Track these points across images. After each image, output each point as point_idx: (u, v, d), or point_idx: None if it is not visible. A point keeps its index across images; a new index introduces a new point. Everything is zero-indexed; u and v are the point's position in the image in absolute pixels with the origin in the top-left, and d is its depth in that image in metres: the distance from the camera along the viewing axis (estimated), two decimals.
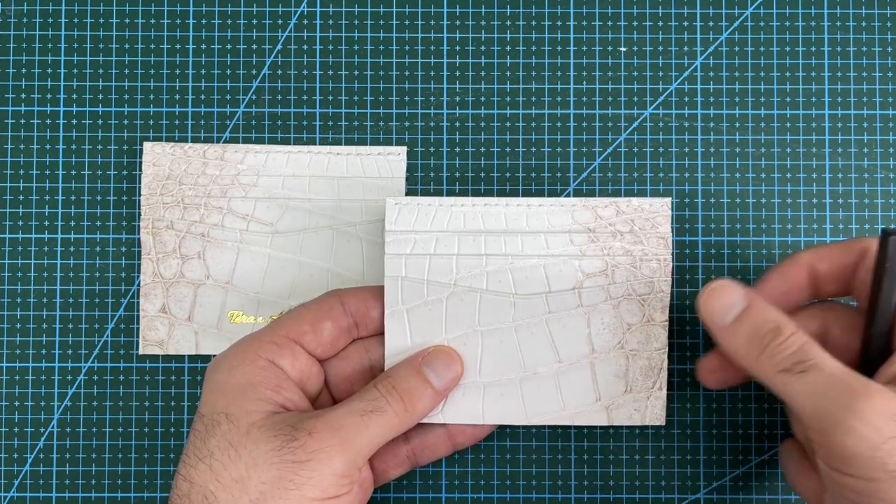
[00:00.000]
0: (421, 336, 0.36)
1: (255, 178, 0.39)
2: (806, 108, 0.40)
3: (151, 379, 0.39)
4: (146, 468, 0.39)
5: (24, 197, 0.40)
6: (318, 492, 0.31)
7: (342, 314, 0.36)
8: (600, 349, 0.37)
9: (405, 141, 0.40)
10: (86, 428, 0.39)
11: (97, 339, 0.40)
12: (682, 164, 0.40)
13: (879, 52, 0.40)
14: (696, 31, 0.40)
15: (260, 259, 0.39)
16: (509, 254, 0.37)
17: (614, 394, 0.37)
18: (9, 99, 0.40)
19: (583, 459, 0.39)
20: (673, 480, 0.39)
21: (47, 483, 0.39)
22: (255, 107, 0.40)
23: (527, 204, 0.37)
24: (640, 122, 0.40)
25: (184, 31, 0.40)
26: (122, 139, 0.40)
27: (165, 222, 0.39)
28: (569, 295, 0.37)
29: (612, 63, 0.40)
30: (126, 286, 0.40)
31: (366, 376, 0.37)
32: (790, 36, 0.40)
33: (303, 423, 0.32)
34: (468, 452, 0.39)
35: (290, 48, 0.40)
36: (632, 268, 0.37)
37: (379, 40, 0.40)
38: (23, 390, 0.39)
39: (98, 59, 0.40)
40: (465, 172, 0.40)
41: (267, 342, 0.34)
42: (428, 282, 0.36)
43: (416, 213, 0.37)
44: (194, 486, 0.31)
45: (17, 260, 0.40)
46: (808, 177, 0.40)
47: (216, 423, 0.32)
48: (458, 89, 0.40)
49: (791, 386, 0.30)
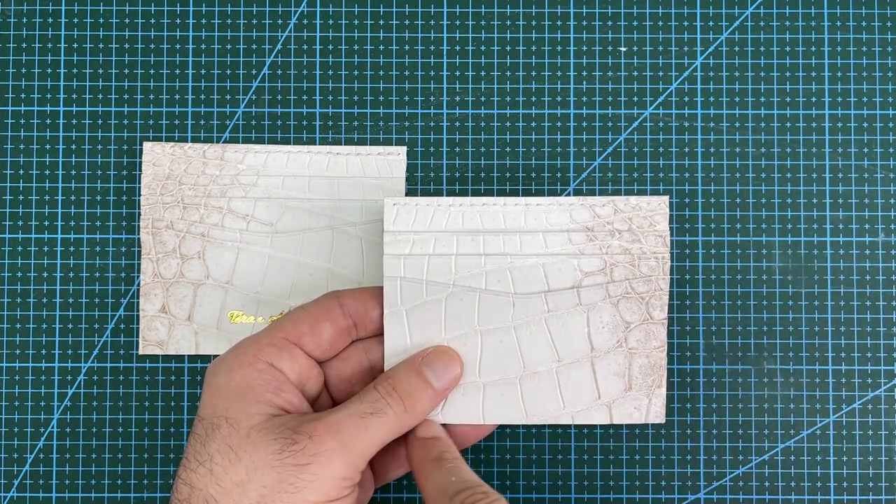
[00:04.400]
0: (420, 336, 0.36)
1: (254, 178, 0.39)
2: (806, 108, 0.40)
3: (151, 379, 0.40)
4: (146, 468, 0.39)
5: (24, 197, 0.40)
6: (318, 495, 0.31)
7: (341, 315, 0.36)
8: (600, 348, 0.37)
9: (405, 141, 0.40)
10: (86, 428, 0.39)
11: (97, 339, 0.40)
12: (682, 163, 0.40)
13: (879, 52, 0.40)
14: (696, 31, 0.40)
15: (260, 259, 0.39)
16: (508, 253, 0.37)
17: (615, 392, 0.37)
18: (9, 99, 0.40)
19: (583, 459, 0.39)
20: (673, 480, 0.39)
21: (47, 483, 0.39)
22: (255, 107, 0.40)
23: (525, 203, 0.37)
24: (640, 121, 0.40)
25: (184, 31, 0.40)
26: (122, 139, 0.40)
27: (165, 222, 0.39)
28: (568, 294, 0.37)
29: (612, 63, 0.40)
30: (126, 286, 0.40)
31: (365, 377, 0.37)
32: (790, 36, 0.40)
33: (303, 426, 0.32)
34: (468, 452, 0.39)
35: (290, 48, 0.40)
36: (630, 266, 0.37)
37: (379, 40, 0.40)
38: (23, 390, 0.39)
39: (98, 59, 0.40)
40: (465, 172, 0.40)
41: (266, 345, 0.34)
42: (427, 282, 0.36)
43: (414, 213, 0.37)
44: (195, 491, 0.31)
45: (17, 260, 0.40)
46: (808, 177, 0.40)
47: (216, 426, 0.32)
48: (458, 89, 0.40)
49: None
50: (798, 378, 0.39)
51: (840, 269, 0.40)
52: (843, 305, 0.40)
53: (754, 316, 0.40)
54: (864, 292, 0.40)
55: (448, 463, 0.33)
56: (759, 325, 0.39)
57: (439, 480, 0.32)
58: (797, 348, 0.39)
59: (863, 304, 0.40)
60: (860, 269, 0.40)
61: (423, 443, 0.35)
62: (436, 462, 0.33)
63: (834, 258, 0.40)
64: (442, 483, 0.32)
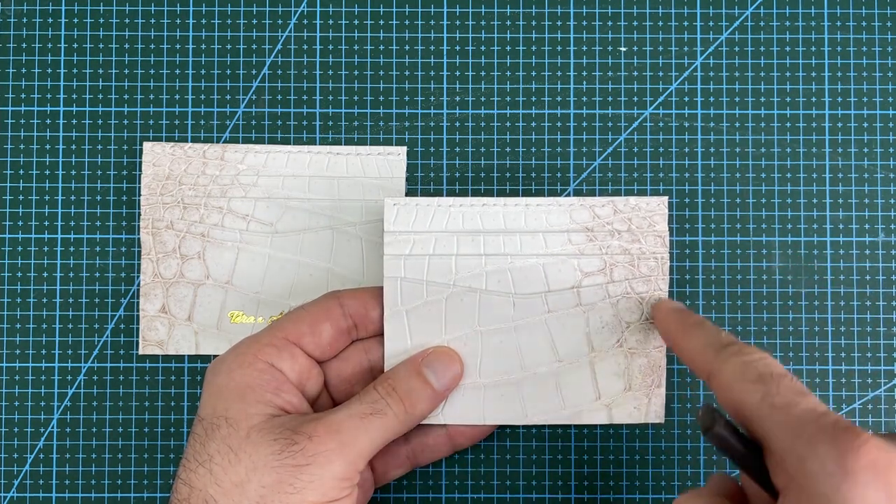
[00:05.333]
0: (420, 337, 0.36)
1: (254, 178, 0.39)
2: (806, 108, 0.40)
3: (151, 379, 0.40)
4: (146, 468, 0.39)
5: (24, 197, 0.40)
6: (318, 495, 0.31)
7: (341, 316, 0.36)
8: (599, 348, 0.37)
9: (405, 141, 0.40)
10: (86, 428, 0.39)
11: (97, 339, 0.40)
12: (682, 163, 0.40)
13: (879, 52, 0.40)
14: (696, 31, 0.40)
15: (260, 259, 0.39)
16: (508, 253, 0.37)
17: (614, 392, 0.37)
18: (9, 99, 0.40)
19: (583, 459, 0.39)
20: (673, 480, 0.39)
21: (47, 483, 0.39)
22: (255, 107, 0.40)
23: (525, 204, 0.37)
24: (640, 122, 0.40)
25: (184, 31, 0.40)
26: (122, 139, 0.40)
27: (165, 222, 0.39)
28: (568, 294, 0.37)
29: (612, 63, 0.40)
30: (126, 286, 0.40)
31: (365, 377, 0.37)
32: (790, 36, 0.40)
33: (303, 426, 0.32)
34: (468, 452, 0.39)
35: (290, 48, 0.40)
36: (630, 266, 0.37)
37: (379, 40, 0.40)
38: (23, 390, 0.39)
39: (98, 59, 0.40)
40: (465, 172, 0.40)
41: (266, 345, 0.34)
42: (427, 282, 0.36)
43: (414, 213, 0.37)
44: (194, 491, 0.31)
45: (17, 260, 0.40)
46: (808, 177, 0.40)
47: (216, 426, 0.32)
48: (458, 89, 0.40)
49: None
50: (798, 378, 0.39)
51: (840, 269, 0.40)
52: (843, 305, 0.40)
53: (754, 316, 0.40)
54: (864, 292, 0.40)
55: (711, 326, 0.33)
56: (759, 325, 0.39)
57: (705, 337, 0.32)
58: (797, 348, 0.39)
59: (863, 304, 0.40)
60: (860, 269, 0.40)
61: (676, 310, 0.35)
62: (699, 324, 0.33)
63: (834, 258, 0.40)
64: (709, 338, 0.32)
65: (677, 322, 0.34)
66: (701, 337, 0.32)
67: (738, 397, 0.29)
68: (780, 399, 0.28)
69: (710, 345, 0.31)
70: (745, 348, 0.30)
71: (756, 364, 0.29)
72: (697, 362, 0.32)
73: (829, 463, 0.25)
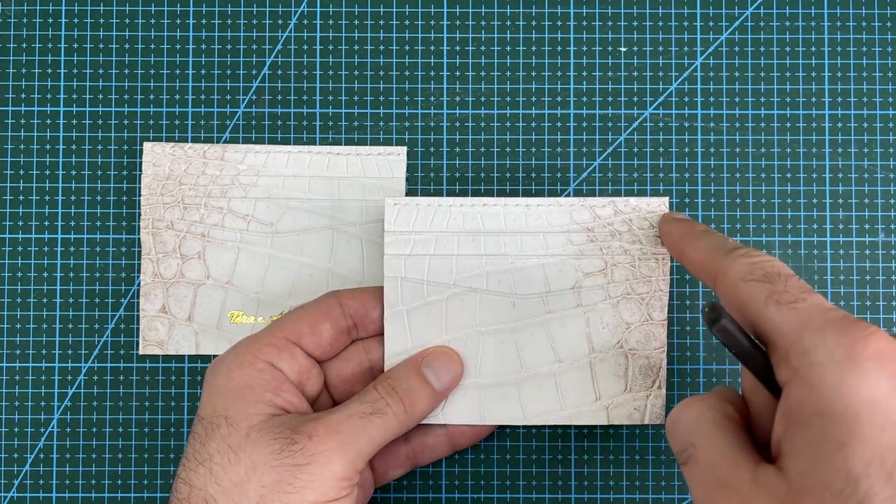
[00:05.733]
0: (421, 337, 0.36)
1: (255, 178, 0.39)
2: (806, 108, 0.40)
3: (151, 379, 0.40)
4: (146, 468, 0.39)
5: (24, 197, 0.40)
6: (318, 495, 0.31)
7: (341, 315, 0.36)
8: (600, 349, 0.37)
9: (405, 141, 0.40)
10: (86, 428, 0.39)
11: (97, 339, 0.40)
12: (682, 164, 0.40)
13: (879, 52, 0.40)
14: (696, 31, 0.40)
15: (260, 259, 0.39)
16: (508, 254, 0.37)
17: (614, 393, 0.37)
18: (9, 99, 0.40)
19: (583, 459, 0.39)
20: (673, 480, 0.39)
21: (47, 483, 0.39)
22: (255, 107, 0.40)
23: (525, 204, 0.37)
24: (640, 122, 0.40)
25: (184, 31, 0.40)
26: (122, 139, 0.40)
27: (165, 222, 0.39)
28: (568, 294, 0.37)
29: (612, 63, 0.40)
30: (126, 286, 0.40)
31: (366, 377, 0.37)
32: (790, 36, 0.40)
33: (302, 425, 0.32)
34: (468, 452, 0.39)
35: (290, 48, 0.40)
36: (630, 267, 0.37)
37: (379, 40, 0.40)
38: (23, 390, 0.39)
39: (98, 59, 0.40)
40: (465, 172, 0.40)
41: (266, 344, 0.34)
42: (427, 282, 0.36)
43: (415, 213, 0.37)
44: (194, 490, 0.31)
45: (17, 260, 0.40)
46: (808, 177, 0.40)
47: (216, 426, 0.32)
48: (458, 89, 0.40)
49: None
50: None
51: (840, 269, 0.40)
52: (842, 305, 0.40)
53: None
54: (864, 292, 0.40)
55: (718, 233, 0.33)
56: None
57: (712, 241, 0.32)
58: None
59: (863, 304, 0.40)
60: (860, 269, 0.40)
61: (683, 220, 0.35)
62: (706, 231, 0.33)
63: (834, 258, 0.40)
64: (715, 242, 0.32)
65: (684, 230, 0.34)
66: (708, 242, 0.32)
67: (744, 297, 0.29)
68: (787, 296, 0.28)
69: (717, 248, 0.31)
70: (753, 251, 0.30)
71: (763, 264, 0.29)
72: (704, 266, 0.32)
73: (838, 351, 0.25)
